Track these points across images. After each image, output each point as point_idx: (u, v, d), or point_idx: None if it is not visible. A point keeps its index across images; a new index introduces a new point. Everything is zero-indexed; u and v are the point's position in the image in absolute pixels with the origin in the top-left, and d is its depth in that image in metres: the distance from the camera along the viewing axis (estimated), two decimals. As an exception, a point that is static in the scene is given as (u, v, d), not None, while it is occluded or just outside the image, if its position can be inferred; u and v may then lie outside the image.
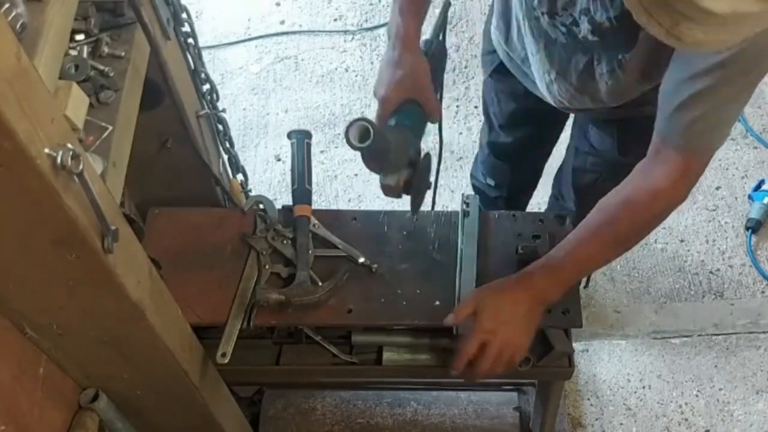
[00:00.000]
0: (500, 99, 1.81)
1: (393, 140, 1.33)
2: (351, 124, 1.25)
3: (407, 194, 1.42)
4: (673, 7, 0.91)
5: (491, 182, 2.06)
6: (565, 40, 1.35)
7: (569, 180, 1.86)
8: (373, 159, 1.36)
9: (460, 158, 2.77)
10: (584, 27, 1.27)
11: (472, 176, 2.18)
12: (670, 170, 1.30)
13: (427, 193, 1.50)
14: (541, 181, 2.73)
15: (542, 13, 1.33)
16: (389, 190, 1.41)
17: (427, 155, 1.42)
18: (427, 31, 1.49)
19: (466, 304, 1.39)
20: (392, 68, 1.37)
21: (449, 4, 1.57)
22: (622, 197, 1.33)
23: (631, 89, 1.40)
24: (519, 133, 1.87)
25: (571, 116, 1.80)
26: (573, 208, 1.87)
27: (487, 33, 1.71)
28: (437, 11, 1.52)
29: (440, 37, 1.52)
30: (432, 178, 1.49)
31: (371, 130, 1.24)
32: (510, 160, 1.98)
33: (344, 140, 1.28)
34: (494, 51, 1.69)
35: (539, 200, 2.68)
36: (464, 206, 1.57)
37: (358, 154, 1.35)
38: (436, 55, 1.47)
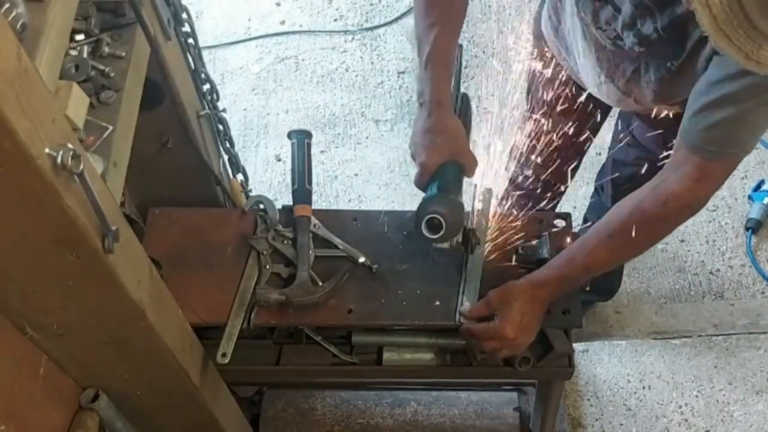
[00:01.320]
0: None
1: (451, 214, 1.36)
2: (421, 219, 1.33)
3: (462, 250, 1.48)
4: (758, 31, 0.90)
5: (528, 173, 2.06)
6: (613, 47, 1.36)
7: (609, 172, 1.87)
8: (442, 239, 1.39)
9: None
10: (629, 40, 1.28)
11: None
12: (685, 174, 1.30)
13: None
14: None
15: (587, 24, 1.35)
16: (444, 249, 1.47)
17: (470, 211, 1.48)
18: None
19: (485, 305, 1.43)
20: (430, 134, 1.39)
21: (462, 48, 1.59)
22: (636, 201, 1.35)
23: (676, 95, 1.41)
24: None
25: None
26: (609, 205, 1.86)
27: (537, 21, 1.71)
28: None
29: (460, 89, 1.55)
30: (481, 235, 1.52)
31: (443, 223, 1.32)
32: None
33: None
34: (540, 36, 1.70)
35: (539, 200, 2.68)
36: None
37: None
38: (464, 109, 1.51)
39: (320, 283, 1.48)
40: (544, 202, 1.92)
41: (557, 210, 2.04)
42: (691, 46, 1.27)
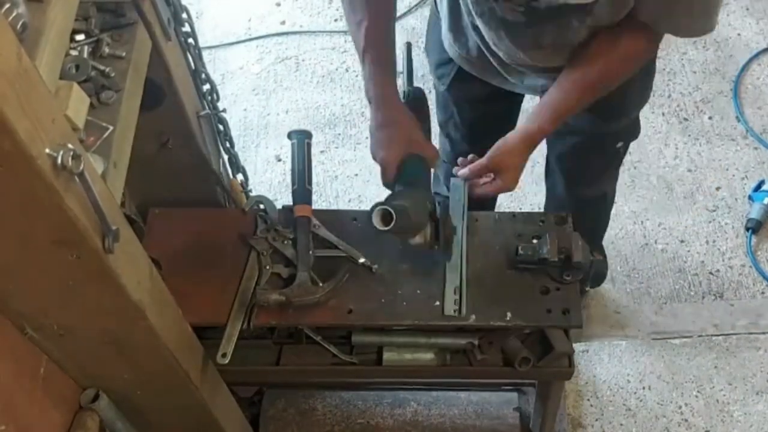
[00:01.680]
0: (461, 108, 1.83)
1: (410, 206, 1.36)
2: (372, 210, 1.32)
3: (437, 246, 1.45)
4: None
5: None
6: (526, 18, 1.35)
7: (555, 168, 1.87)
8: (399, 232, 1.39)
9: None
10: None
11: (435, 194, 2.15)
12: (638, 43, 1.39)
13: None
14: (540, 180, 2.73)
15: (496, 1, 1.34)
16: (420, 247, 1.44)
17: (442, 203, 1.47)
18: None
19: (485, 167, 1.48)
20: (382, 131, 1.40)
21: (410, 45, 1.61)
22: (597, 68, 1.40)
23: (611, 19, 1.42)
24: (485, 141, 1.87)
25: None
26: (563, 194, 1.88)
27: (435, 45, 1.72)
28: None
29: (412, 83, 1.55)
30: (457, 223, 1.51)
31: (393, 213, 1.30)
32: None
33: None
34: (448, 61, 1.70)
35: (539, 200, 2.68)
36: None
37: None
38: (416, 102, 1.51)
39: (320, 284, 1.48)
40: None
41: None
42: None
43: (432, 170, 1.49)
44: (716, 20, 1.34)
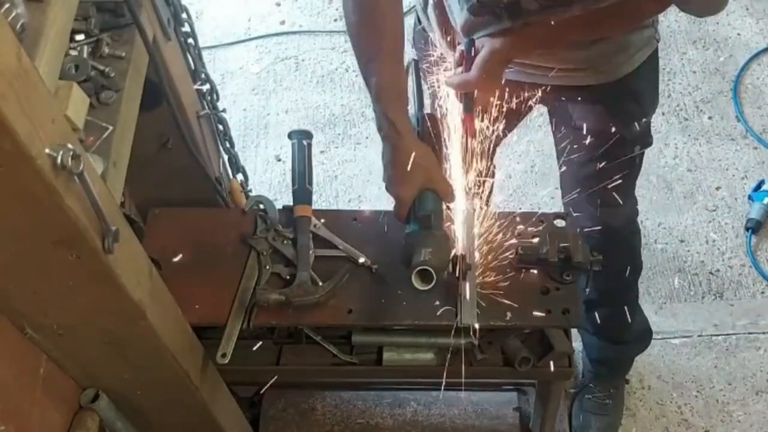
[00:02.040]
0: None
1: (436, 253, 1.34)
2: (412, 274, 1.31)
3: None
4: None
5: None
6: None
7: (571, 184, 1.84)
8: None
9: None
10: None
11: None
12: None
13: None
14: (540, 180, 2.73)
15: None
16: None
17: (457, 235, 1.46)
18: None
19: (472, 83, 1.44)
20: (398, 167, 1.36)
21: (417, 63, 1.57)
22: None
23: None
24: None
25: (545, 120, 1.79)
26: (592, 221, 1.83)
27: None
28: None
29: (423, 107, 1.51)
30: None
31: (434, 274, 1.30)
32: None
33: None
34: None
35: (539, 200, 2.68)
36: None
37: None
38: (429, 129, 1.47)
39: (320, 284, 1.48)
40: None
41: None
42: None
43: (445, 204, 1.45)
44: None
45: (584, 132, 1.68)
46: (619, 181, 1.79)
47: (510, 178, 2.76)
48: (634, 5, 1.40)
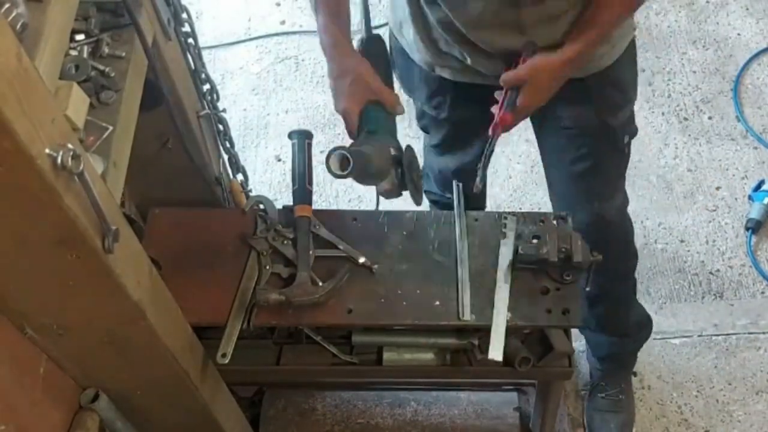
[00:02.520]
0: (467, 127, 1.80)
1: (372, 152, 1.35)
2: (328, 156, 1.30)
3: (406, 190, 1.45)
4: None
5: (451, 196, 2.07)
6: None
7: (563, 183, 1.85)
8: (362, 177, 1.39)
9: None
10: None
11: (427, 191, 2.14)
12: None
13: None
14: (540, 180, 2.73)
15: None
16: (388, 193, 1.45)
17: (408, 147, 1.45)
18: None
19: (521, 76, 1.44)
20: (339, 81, 1.39)
21: None
22: None
23: None
24: (473, 151, 1.86)
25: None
26: (585, 219, 1.80)
27: (418, 80, 1.70)
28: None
29: (370, 30, 1.53)
30: (420, 163, 1.50)
31: (349, 157, 1.28)
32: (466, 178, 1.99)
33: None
34: (438, 88, 1.68)
35: (539, 200, 2.68)
36: (503, 227, 1.57)
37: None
38: (373, 48, 1.49)
39: (320, 284, 1.48)
40: None
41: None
42: None
43: (395, 115, 1.46)
44: None
45: (573, 129, 1.68)
46: (611, 173, 1.80)
47: (510, 178, 2.76)
48: None
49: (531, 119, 1.79)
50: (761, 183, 2.66)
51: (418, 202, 1.49)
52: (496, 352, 1.43)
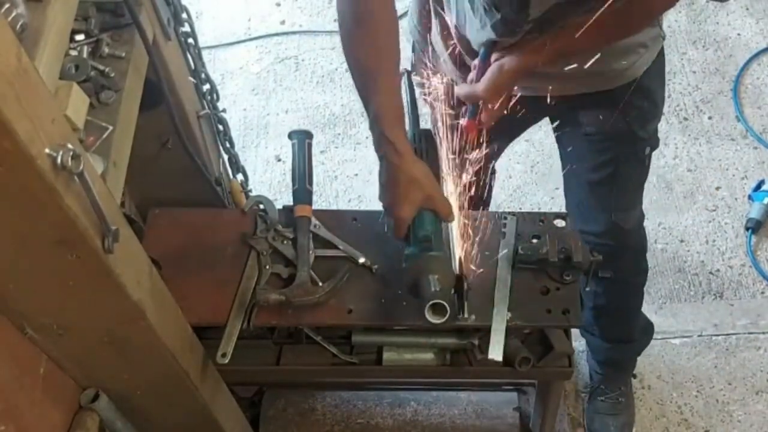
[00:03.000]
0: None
1: (443, 279, 1.33)
2: (426, 310, 1.30)
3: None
4: None
5: None
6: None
7: (581, 190, 1.81)
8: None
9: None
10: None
11: None
12: None
13: None
14: (540, 180, 2.73)
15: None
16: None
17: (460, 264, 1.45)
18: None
19: (479, 95, 1.45)
20: (398, 187, 1.34)
21: (410, 73, 1.55)
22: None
23: None
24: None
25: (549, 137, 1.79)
26: (602, 228, 1.80)
27: None
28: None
29: (418, 124, 1.49)
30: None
31: (447, 308, 1.29)
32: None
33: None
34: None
35: (539, 200, 2.68)
36: (502, 227, 1.56)
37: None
38: (426, 146, 1.46)
39: (320, 284, 1.48)
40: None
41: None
42: None
43: (444, 224, 1.44)
44: None
45: (595, 136, 1.67)
46: (631, 184, 1.78)
47: (510, 178, 2.76)
48: (642, 4, 1.39)
49: (552, 125, 1.79)
50: (761, 183, 2.66)
51: (461, 311, 1.44)
52: (496, 352, 1.43)
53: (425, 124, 1.54)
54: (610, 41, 1.46)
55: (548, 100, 1.57)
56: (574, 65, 1.48)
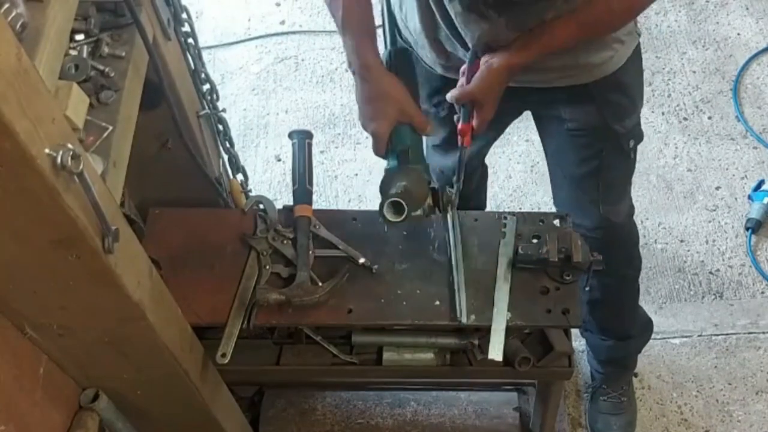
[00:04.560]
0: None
1: (411, 186, 1.36)
2: (383, 206, 1.32)
3: (434, 214, 1.47)
4: None
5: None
6: None
7: (567, 186, 1.83)
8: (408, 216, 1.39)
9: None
10: None
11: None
12: None
13: None
14: (540, 180, 2.73)
15: None
16: (418, 219, 1.45)
17: (438, 174, 1.46)
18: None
19: (471, 93, 1.43)
20: (371, 102, 1.38)
21: (389, 3, 1.57)
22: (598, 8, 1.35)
23: None
24: (473, 150, 1.86)
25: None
26: (594, 222, 1.80)
27: (421, 77, 1.68)
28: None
29: (396, 42, 1.52)
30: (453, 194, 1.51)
31: (404, 205, 1.31)
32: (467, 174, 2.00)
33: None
34: (440, 88, 1.66)
35: (539, 200, 2.68)
36: (503, 227, 1.57)
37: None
38: (400, 64, 1.48)
39: (320, 283, 1.48)
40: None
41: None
42: None
43: (424, 137, 1.48)
44: None
45: (577, 131, 1.68)
46: (617, 177, 1.79)
47: (510, 178, 2.76)
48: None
49: (534, 121, 1.80)
50: (761, 183, 2.66)
51: (448, 211, 1.51)
52: (496, 352, 1.43)
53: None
54: (592, 37, 1.46)
55: (527, 92, 1.59)
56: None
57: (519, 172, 2.78)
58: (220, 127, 1.77)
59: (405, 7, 1.62)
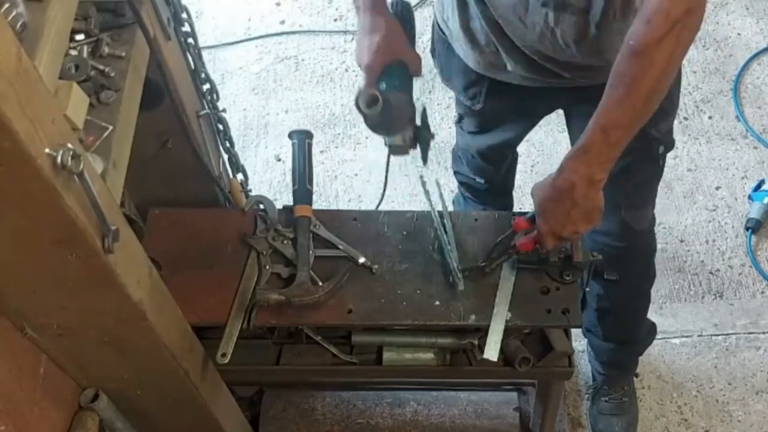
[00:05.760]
0: (503, 121, 1.82)
1: (396, 102, 1.39)
2: (360, 93, 1.35)
3: (414, 149, 1.49)
4: None
5: (481, 180, 2.07)
6: None
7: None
8: (380, 123, 1.41)
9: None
10: None
11: (456, 172, 2.15)
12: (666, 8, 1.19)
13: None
14: (540, 179, 2.73)
15: None
16: (397, 150, 1.48)
17: (424, 109, 1.48)
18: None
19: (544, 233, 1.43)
20: (368, 36, 1.41)
21: None
22: (628, 52, 1.25)
23: None
24: (503, 135, 1.87)
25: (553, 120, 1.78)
26: (616, 229, 1.77)
27: (455, 69, 1.70)
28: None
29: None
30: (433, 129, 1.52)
31: (379, 96, 1.33)
32: (495, 161, 2.00)
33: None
34: (476, 80, 1.68)
35: (539, 200, 2.67)
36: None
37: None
38: (403, 12, 1.52)
39: (320, 283, 1.48)
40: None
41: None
42: None
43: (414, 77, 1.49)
44: None
45: None
46: (643, 182, 1.76)
47: (510, 178, 2.76)
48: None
49: (565, 117, 1.80)
50: (761, 183, 2.66)
51: (425, 162, 1.52)
52: (491, 352, 1.43)
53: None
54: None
55: (565, 90, 1.58)
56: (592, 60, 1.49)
57: (519, 172, 2.76)
58: (220, 126, 1.77)
59: (445, 3, 1.63)
